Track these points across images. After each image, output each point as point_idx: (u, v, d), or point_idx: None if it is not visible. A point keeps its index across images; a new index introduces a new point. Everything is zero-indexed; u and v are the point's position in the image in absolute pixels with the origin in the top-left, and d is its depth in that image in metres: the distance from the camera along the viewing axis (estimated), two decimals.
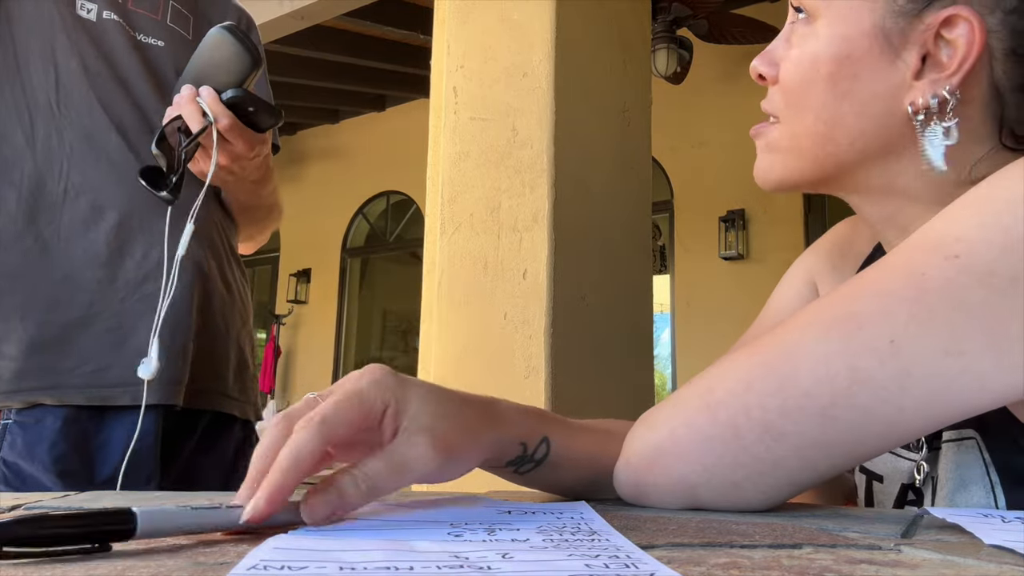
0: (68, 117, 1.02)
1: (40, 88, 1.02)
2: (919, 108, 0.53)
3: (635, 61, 1.85)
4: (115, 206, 1.02)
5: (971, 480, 0.54)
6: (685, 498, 0.49)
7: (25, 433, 0.97)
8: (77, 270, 1.00)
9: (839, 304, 0.47)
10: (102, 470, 0.99)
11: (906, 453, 0.61)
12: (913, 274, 0.45)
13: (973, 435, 0.54)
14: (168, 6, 1.13)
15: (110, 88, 1.04)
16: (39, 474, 0.95)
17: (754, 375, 0.47)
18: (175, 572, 0.30)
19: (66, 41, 1.03)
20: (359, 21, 4.71)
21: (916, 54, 0.54)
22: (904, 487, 0.61)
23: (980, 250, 0.43)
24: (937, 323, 0.43)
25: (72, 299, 0.99)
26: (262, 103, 0.99)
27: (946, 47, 0.53)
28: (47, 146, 1.01)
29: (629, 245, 1.75)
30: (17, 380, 0.97)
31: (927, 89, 0.53)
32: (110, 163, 1.03)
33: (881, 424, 0.45)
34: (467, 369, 1.47)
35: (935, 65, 0.53)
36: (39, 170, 1.00)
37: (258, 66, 0.98)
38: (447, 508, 0.46)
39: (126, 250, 1.02)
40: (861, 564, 0.32)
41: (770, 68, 0.61)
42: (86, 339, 0.99)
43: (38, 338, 0.98)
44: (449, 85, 1.63)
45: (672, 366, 5.45)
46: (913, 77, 0.54)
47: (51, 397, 0.97)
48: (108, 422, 1.00)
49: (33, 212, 1.00)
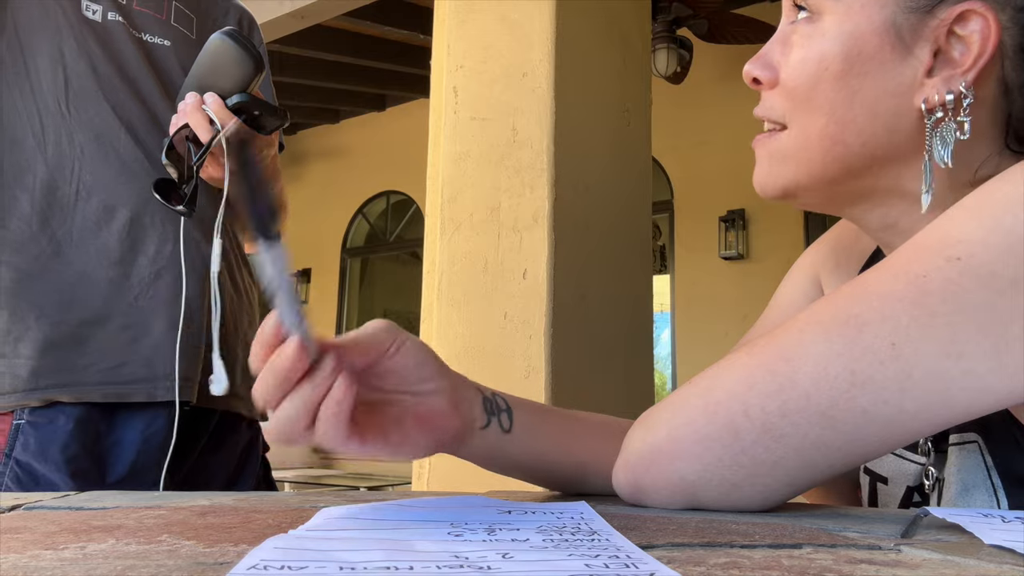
0: (78, 119, 1.03)
1: (49, 91, 1.03)
2: (933, 105, 0.53)
3: (635, 61, 1.85)
4: (126, 205, 1.03)
5: (974, 484, 0.53)
6: (684, 498, 0.49)
7: (38, 433, 0.97)
8: (90, 270, 1.01)
9: (840, 306, 0.47)
10: (114, 470, 0.99)
11: (911, 455, 0.60)
12: (914, 276, 0.45)
13: (975, 438, 0.54)
14: (172, 6, 1.14)
15: (118, 88, 1.05)
16: (51, 474, 0.96)
17: (754, 376, 0.47)
18: (175, 572, 0.30)
19: (73, 44, 1.04)
20: (359, 21, 4.71)
21: (928, 51, 0.53)
22: (909, 489, 0.61)
23: (981, 252, 0.43)
24: (938, 325, 0.43)
25: (86, 298, 1.00)
26: (267, 106, 1.00)
27: (958, 43, 0.53)
28: (58, 149, 1.02)
29: (629, 245, 1.75)
30: (34, 379, 0.98)
31: (941, 86, 0.53)
32: (120, 163, 1.03)
33: (881, 426, 0.45)
34: (467, 369, 1.46)
35: (947, 62, 0.53)
36: (51, 173, 1.01)
37: (261, 70, 0.99)
38: (447, 508, 0.46)
39: (138, 248, 1.03)
40: (861, 564, 0.32)
41: (766, 71, 0.59)
42: (101, 337, 1.00)
43: (53, 337, 0.99)
44: (449, 85, 1.63)
45: (672, 366, 5.45)
46: (925, 74, 0.53)
47: (67, 395, 0.98)
48: (120, 422, 1.00)
49: (46, 214, 1.01)
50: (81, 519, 0.44)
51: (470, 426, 0.54)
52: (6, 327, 0.98)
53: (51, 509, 0.49)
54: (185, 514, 0.46)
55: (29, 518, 0.44)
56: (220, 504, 0.51)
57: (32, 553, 0.34)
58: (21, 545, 0.35)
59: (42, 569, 0.30)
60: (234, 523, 0.43)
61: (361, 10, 4.16)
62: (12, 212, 1.00)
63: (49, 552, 0.34)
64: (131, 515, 0.45)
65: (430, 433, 0.51)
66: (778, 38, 0.60)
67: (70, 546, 0.35)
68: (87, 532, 0.39)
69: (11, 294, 0.99)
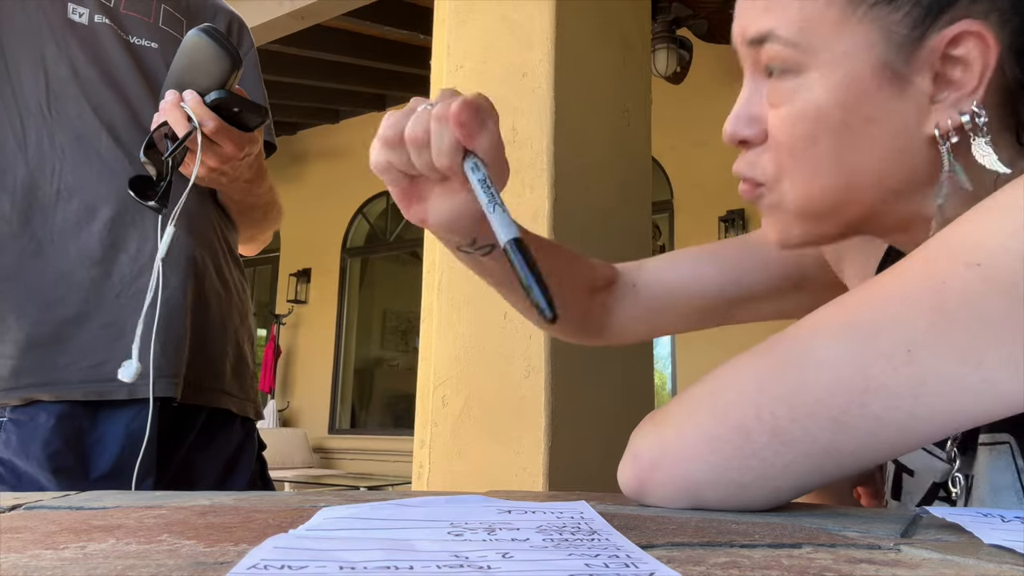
0: (59, 120, 1.03)
1: (31, 94, 1.03)
2: (947, 130, 0.51)
3: (635, 61, 1.85)
4: (107, 204, 1.03)
5: (1002, 486, 0.53)
6: (689, 497, 0.49)
7: (20, 430, 0.97)
8: (72, 269, 1.01)
9: (854, 309, 0.46)
10: (97, 466, 0.99)
11: (940, 452, 0.60)
12: (933, 281, 0.44)
13: (1008, 439, 0.53)
14: (160, 9, 1.15)
15: (100, 91, 1.06)
16: (34, 471, 0.96)
17: (765, 378, 0.47)
18: (175, 572, 0.30)
19: (55, 48, 1.04)
20: (359, 21, 4.71)
21: (927, 78, 0.52)
22: (935, 485, 0.60)
23: (1002, 259, 0.42)
24: (956, 333, 0.42)
25: (67, 297, 1.00)
26: (247, 103, 1.00)
27: (956, 64, 0.52)
28: (39, 149, 1.02)
29: (629, 245, 1.74)
30: (15, 377, 0.98)
31: (950, 110, 0.52)
32: (102, 163, 1.04)
33: (893, 431, 0.44)
34: (467, 369, 1.47)
35: (948, 83, 0.52)
36: (31, 173, 1.02)
37: (238, 66, 0.99)
38: (447, 508, 0.46)
39: (119, 247, 1.03)
40: (861, 564, 0.32)
41: (752, 128, 0.56)
42: (82, 336, 1.00)
43: (34, 336, 0.99)
44: (449, 85, 1.62)
45: (672, 366, 5.45)
46: (929, 102, 0.52)
47: (48, 393, 0.98)
48: (102, 419, 1.00)
49: (27, 214, 1.01)
50: (81, 519, 0.44)
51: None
52: None
53: (51, 509, 0.49)
54: (185, 514, 0.46)
55: (29, 518, 0.44)
56: (220, 504, 0.51)
57: (32, 553, 0.34)
58: (21, 545, 0.35)
59: (42, 569, 0.30)
60: (234, 523, 0.43)
61: (361, 10, 4.16)
62: None
63: (49, 552, 0.34)
64: (131, 515, 0.45)
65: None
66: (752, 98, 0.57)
67: (70, 546, 0.35)
68: (87, 532, 0.39)
69: None
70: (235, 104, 0.98)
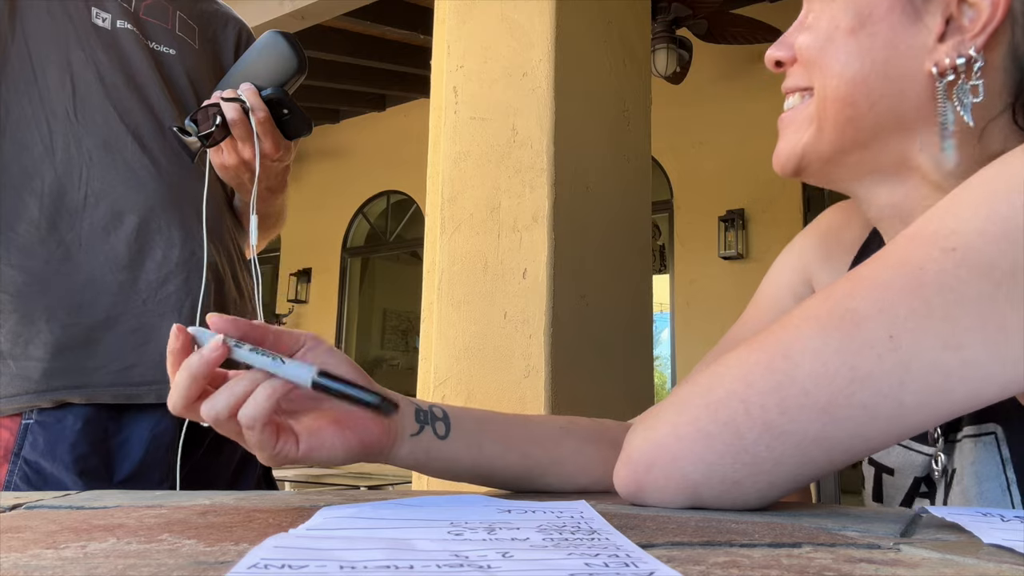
0: (85, 126, 1.04)
1: (57, 99, 1.04)
2: (944, 68, 0.53)
3: (635, 61, 1.85)
4: (134, 211, 1.04)
5: (987, 477, 0.53)
6: (686, 496, 0.49)
7: (46, 433, 0.98)
8: (99, 274, 1.02)
9: (836, 300, 0.47)
10: (121, 469, 1.00)
11: (918, 446, 0.60)
12: (911, 268, 0.44)
13: (994, 430, 0.54)
14: (176, 16, 1.16)
15: (125, 96, 1.07)
16: (60, 473, 0.96)
17: (753, 374, 0.47)
18: (176, 571, 0.30)
19: (81, 53, 1.05)
20: (359, 21, 4.71)
21: (939, 18, 0.54)
22: (917, 480, 0.60)
23: (977, 242, 0.43)
24: (935, 317, 0.43)
25: (95, 302, 1.01)
26: (298, 109, 1.04)
27: (969, 10, 0.53)
28: (67, 155, 1.03)
29: (629, 245, 1.75)
30: (46, 380, 0.98)
31: (951, 51, 0.53)
32: (128, 169, 1.05)
33: (882, 420, 0.45)
34: (467, 369, 1.47)
35: (958, 28, 0.53)
36: (59, 178, 1.02)
37: (303, 72, 1.03)
38: (447, 508, 0.47)
39: (146, 253, 1.04)
40: (860, 563, 0.32)
41: (785, 51, 0.61)
42: (110, 340, 1.01)
43: (64, 339, 0.99)
44: (449, 85, 1.63)
45: (672, 366, 5.45)
46: (936, 40, 0.54)
47: (78, 396, 0.99)
48: (128, 422, 1.01)
49: (55, 219, 1.02)
50: (82, 518, 0.44)
51: (399, 433, 0.55)
52: (16, 330, 0.99)
53: (52, 508, 0.49)
54: (186, 513, 0.46)
55: (30, 517, 0.44)
56: (221, 503, 0.51)
57: (33, 552, 0.34)
58: (22, 544, 0.35)
59: (43, 568, 0.30)
60: (235, 522, 0.43)
61: (361, 10, 4.16)
62: (21, 216, 1.01)
63: (50, 551, 0.34)
64: (132, 514, 0.45)
65: (349, 439, 0.52)
66: (796, 23, 0.61)
67: (71, 545, 0.35)
68: (88, 531, 0.39)
69: (21, 297, 0.99)
70: (287, 106, 1.02)
